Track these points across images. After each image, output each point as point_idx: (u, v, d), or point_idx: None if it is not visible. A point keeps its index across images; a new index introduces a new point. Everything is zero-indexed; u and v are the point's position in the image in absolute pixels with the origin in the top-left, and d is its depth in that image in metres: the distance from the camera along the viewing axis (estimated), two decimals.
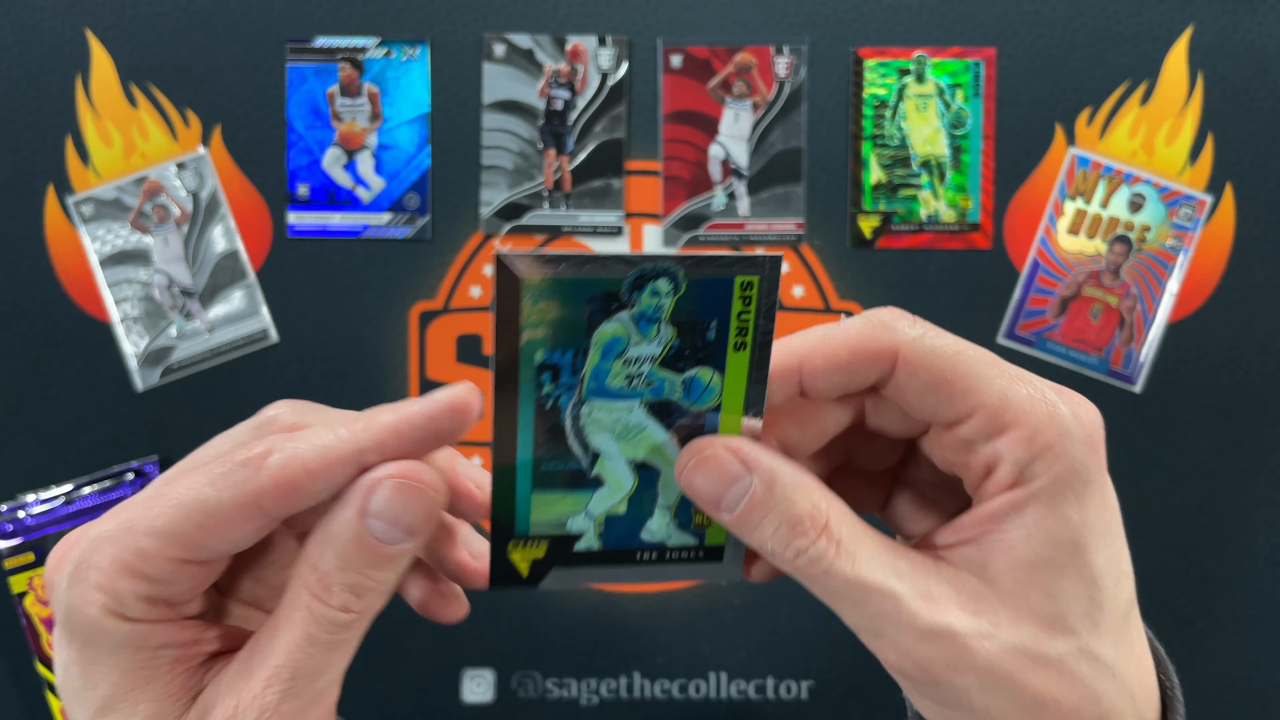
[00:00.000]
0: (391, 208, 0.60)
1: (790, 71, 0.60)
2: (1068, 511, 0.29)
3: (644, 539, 0.33)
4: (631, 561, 0.34)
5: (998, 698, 0.28)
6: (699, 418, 0.32)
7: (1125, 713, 0.29)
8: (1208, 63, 0.61)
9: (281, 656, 0.28)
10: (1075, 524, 0.29)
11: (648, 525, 0.34)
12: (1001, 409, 0.30)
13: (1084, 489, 0.29)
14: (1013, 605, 0.28)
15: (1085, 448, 0.30)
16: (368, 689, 0.61)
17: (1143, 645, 0.30)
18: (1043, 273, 0.61)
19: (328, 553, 0.28)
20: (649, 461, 0.33)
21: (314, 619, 0.28)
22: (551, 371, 0.32)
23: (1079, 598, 0.29)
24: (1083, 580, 0.29)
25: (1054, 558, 0.29)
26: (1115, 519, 0.30)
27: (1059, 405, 0.30)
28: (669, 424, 0.32)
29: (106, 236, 0.60)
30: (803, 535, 0.29)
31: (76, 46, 0.59)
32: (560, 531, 0.33)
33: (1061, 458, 0.29)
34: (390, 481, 0.28)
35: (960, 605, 0.28)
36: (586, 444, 0.33)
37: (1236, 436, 0.61)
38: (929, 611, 0.28)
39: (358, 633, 0.29)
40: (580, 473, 0.32)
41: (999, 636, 0.28)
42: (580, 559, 0.33)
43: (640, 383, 0.32)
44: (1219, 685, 0.62)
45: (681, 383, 0.32)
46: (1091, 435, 0.30)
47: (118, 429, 0.60)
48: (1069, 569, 0.29)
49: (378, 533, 0.28)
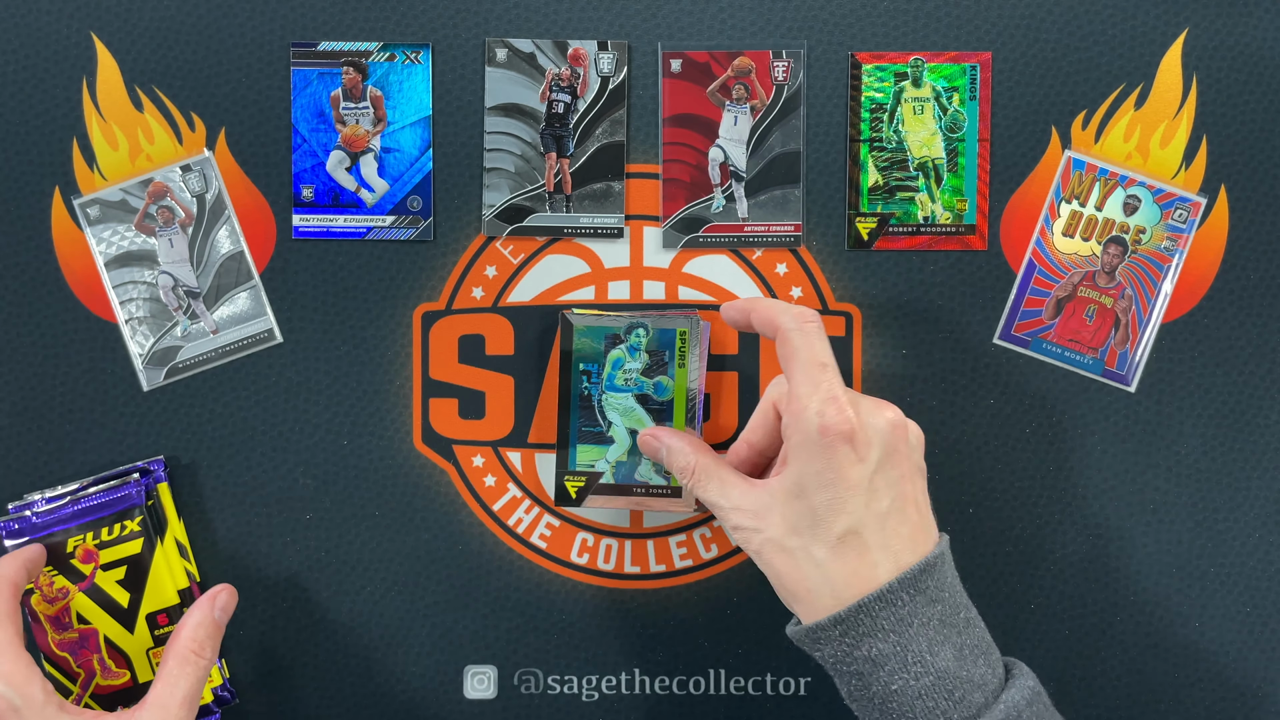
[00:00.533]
0: (395, 210, 0.61)
1: (788, 75, 0.61)
2: (800, 465, 0.48)
3: (638, 478, 0.59)
4: (631, 493, 0.59)
5: (771, 567, 0.49)
6: (663, 404, 0.59)
7: (823, 592, 0.47)
8: (1202, 66, 0.61)
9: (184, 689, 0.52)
10: (803, 472, 0.48)
11: (639, 469, 0.59)
12: (793, 391, 0.49)
13: (815, 454, 0.47)
14: (776, 513, 0.48)
15: (818, 431, 0.47)
16: (372, 686, 0.62)
17: (863, 561, 0.47)
18: (1038, 274, 0.61)
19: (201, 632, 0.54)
20: (638, 429, 0.59)
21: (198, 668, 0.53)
22: (587, 375, 0.59)
23: (805, 517, 0.48)
24: (807, 509, 0.48)
25: (793, 490, 0.48)
26: (841, 477, 0.47)
27: (814, 401, 0.48)
28: (648, 407, 0.59)
29: (112, 238, 0.60)
30: (683, 475, 0.53)
31: (82, 50, 0.60)
32: (592, 469, 0.59)
33: (799, 428, 0.48)
34: (223, 592, 0.56)
35: (752, 515, 0.49)
36: (605, 418, 0.59)
37: (1230, 436, 0.62)
38: (735, 517, 0.50)
39: None
40: (602, 433, 0.59)
41: (766, 530, 0.49)
42: (604, 489, 0.59)
43: (632, 383, 0.59)
44: (1215, 684, 0.62)
45: (653, 384, 0.59)
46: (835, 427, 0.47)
47: (124, 428, 0.61)
48: (800, 499, 0.48)
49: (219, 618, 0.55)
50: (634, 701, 0.62)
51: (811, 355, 0.49)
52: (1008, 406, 0.62)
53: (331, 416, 0.61)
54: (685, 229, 0.61)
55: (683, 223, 0.61)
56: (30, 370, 0.60)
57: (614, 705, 0.62)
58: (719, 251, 0.61)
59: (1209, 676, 0.62)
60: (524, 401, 0.61)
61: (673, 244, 0.61)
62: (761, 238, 0.61)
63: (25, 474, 0.60)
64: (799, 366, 0.49)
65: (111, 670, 0.59)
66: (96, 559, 0.58)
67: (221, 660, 0.61)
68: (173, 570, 0.59)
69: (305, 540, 0.61)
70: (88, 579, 0.58)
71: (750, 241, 0.61)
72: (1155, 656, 0.62)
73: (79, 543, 0.58)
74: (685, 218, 0.61)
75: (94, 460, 0.60)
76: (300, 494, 0.61)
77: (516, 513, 0.62)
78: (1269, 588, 0.62)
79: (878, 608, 0.46)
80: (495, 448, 0.62)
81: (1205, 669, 0.62)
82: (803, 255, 0.61)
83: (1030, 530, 0.62)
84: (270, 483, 0.61)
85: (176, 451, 0.61)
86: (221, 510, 0.61)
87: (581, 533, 0.62)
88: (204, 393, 0.61)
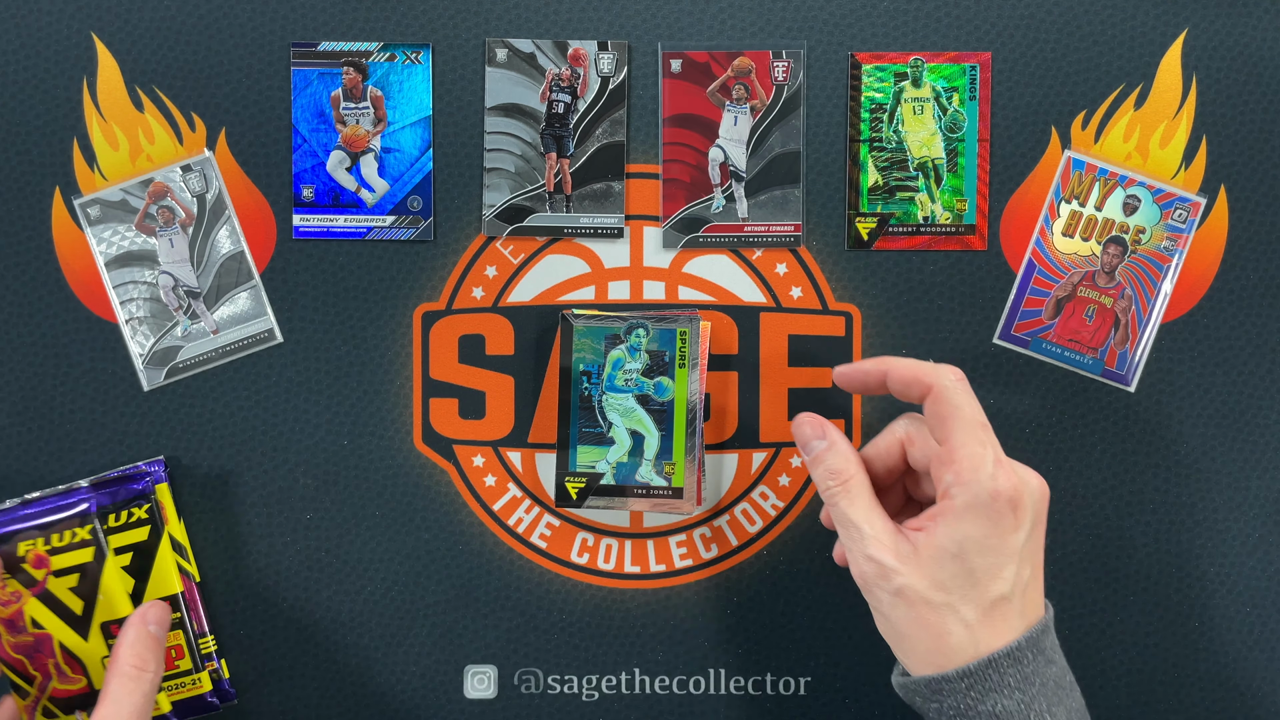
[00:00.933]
0: (395, 210, 0.61)
1: (788, 75, 0.61)
2: (965, 527, 0.46)
3: (638, 479, 0.59)
4: (631, 494, 0.59)
5: (896, 610, 0.47)
6: (664, 404, 0.58)
7: (965, 651, 0.46)
8: (1202, 66, 0.61)
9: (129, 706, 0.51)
10: (967, 535, 0.46)
11: (639, 470, 0.59)
12: (957, 450, 0.47)
13: (981, 516, 0.46)
14: (923, 566, 0.47)
15: (990, 496, 0.46)
16: (372, 686, 0.62)
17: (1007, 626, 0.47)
18: (1038, 274, 0.61)
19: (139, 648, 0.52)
20: (638, 430, 0.59)
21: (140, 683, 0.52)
22: (587, 376, 0.59)
23: (960, 579, 0.46)
24: (964, 570, 0.46)
25: (950, 549, 0.46)
26: (1003, 543, 0.46)
27: (986, 463, 0.47)
28: (648, 408, 0.59)
29: (113, 238, 0.60)
30: (833, 478, 0.50)
31: (83, 51, 0.60)
32: (593, 470, 0.59)
33: (969, 490, 0.46)
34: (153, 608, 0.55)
35: (895, 554, 0.47)
36: (606, 418, 0.59)
37: (1230, 435, 0.62)
38: (875, 549, 0.48)
39: None
40: (602, 435, 0.59)
41: (906, 577, 0.47)
42: (604, 490, 0.59)
43: (632, 384, 0.59)
44: (1213, 684, 0.62)
45: (653, 384, 0.59)
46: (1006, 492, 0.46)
47: (124, 428, 0.61)
48: (957, 560, 0.46)
49: (155, 631, 0.54)
50: (634, 701, 0.62)
51: (975, 414, 0.48)
52: (1008, 406, 0.62)
53: (332, 416, 0.61)
54: (685, 229, 0.61)
55: (683, 223, 0.61)
56: (31, 370, 0.60)
57: (614, 705, 0.62)
58: (719, 251, 0.61)
59: (1209, 676, 0.62)
60: (524, 401, 0.61)
61: (673, 244, 0.61)
62: (761, 238, 0.61)
63: (25, 474, 0.60)
64: (962, 425, 0.48)
65: (68, 675, 0.58)
66: (48, 565, 0.57)
67: (221, 660, 0.61)
68: (125, 582, 0.58)
69: (305, 540, 0.61)
70: (40, 584, 0.57)
71: (750, 241, 0.61)
72: (1155, 656, 0.62)
73: (30, 547, 0.57)
74: (685, 218, 0.61)
75: (94, 460, 0.60)
76: (300, 494, 0.61)
77: (516, 513, 0.62)
78: (1269, 588, 0.62)
79: (1006, 664, 0.46)
80: (495, 448, 0.62)
81: (1205, 669, 0.62)
82: (803, 255, 0.61)
83: None
84: (270, 483, 0.61)
85: (176, 451, 0.61)
86: (221, 510, 0.61)
87: (581, 533, 0.62)
88: (204, 393, 0.61)
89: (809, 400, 0.61)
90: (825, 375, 0.61)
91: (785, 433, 0.62)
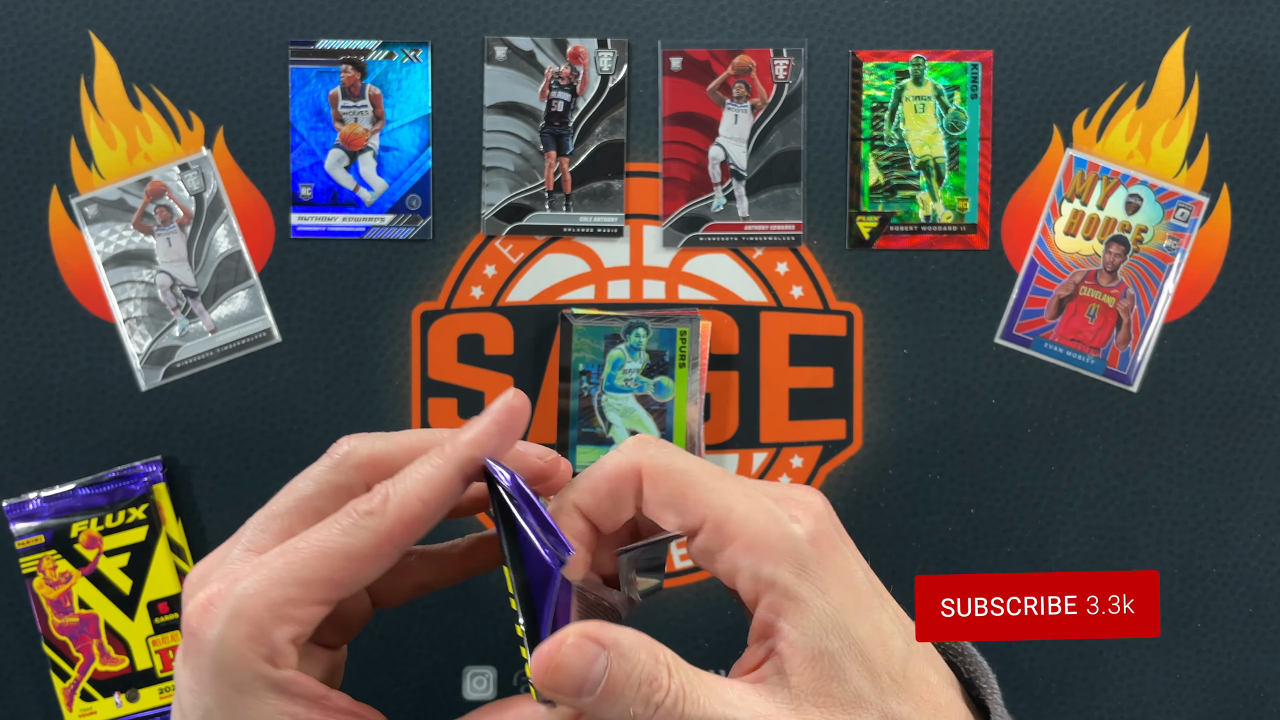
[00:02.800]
0: (394, 209, 0.61)
1: (789, 73, 0.60)
2: (816, 603, 0.32)
3: None
4: None
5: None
6: (664, 404, 0.57)
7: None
8: (1204, 64, 0.61)
9: None
10: (828, 612, 0.32)
11: None
12: (725, 519, 0.33)
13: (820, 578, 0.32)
14: (816, 702, 0.32)
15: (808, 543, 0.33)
16: (372, 686, 0.62)
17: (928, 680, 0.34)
18: (1040, 273, 0.61)
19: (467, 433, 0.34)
20: (638, 430, 0.57)
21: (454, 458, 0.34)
22: (587, 376, 0.58)
23: (861, 673, 0.32)
24: (857, 657, 0.32)
25: (826, 646, 0.32)
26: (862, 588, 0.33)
27: (774, 510, 0.33)
28: (648, 408, 0.58)
29: (110, 237, 0.60)
30: (659, 689, 0.32)
31: (80, 49, 0.60)
32: None
33: (786, 558, 0.32)
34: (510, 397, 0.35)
35: (780, 716, 0.32)
36: (605, 419, 0.58)
37: (1233, 435, 0.61)
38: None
39: None
40: (601, 435, 0.58)
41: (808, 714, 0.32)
42: None
43: (632, 384, 0.58)
44: (1217, 684, 0.62)
45: (653, 384, 0.58)
46: (813, 529, 0.33)
47: (121, 428, 0.60)
48: (843, 652, 0.32)
49: None
50: None
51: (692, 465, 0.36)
52: (1009, 406, 0.61)
53: (330, 416, 0.61)
54: (685, 228, 0.61)
55: (683, 222, 0.61)
56: (27, 370, 0.60)
57: None
58: (719, 250, 0.61)
59: (1209, 676, 0.62)
60: None
61: (673, 243, 0.61)
62: (762, 237, 0.61)
63: (23, 474, 0.60)
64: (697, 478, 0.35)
65: (110, 656, 0.59)
66: (100, 545, 0.58)
67: None
68: (173, 560, 0.60)
69: None
70: (91, 564, 0.58)
71: (751, 240, 0.61)
72: (1155, 656, 0.62)
73: (83, 528, 0.58)
74: (685, 217, 0.61)
75: (92, 460, 0.60)
76: None
77: None
78: (1271, 588, 0.62)
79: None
80: None
81: (1205, 669, 0.62)
82: (803, 254, 0.61)
83: (1032, 530, 0.62)
84: (270, 483, 0.61)
85: (174, 451, 0.61)
86: (220, 510, 0.61)
87: None
88: (202, 392, 0.61)
89: (809, 400, 0.61)
90: (826, 375, 0.61)
91: (786, 433, 0.61)
